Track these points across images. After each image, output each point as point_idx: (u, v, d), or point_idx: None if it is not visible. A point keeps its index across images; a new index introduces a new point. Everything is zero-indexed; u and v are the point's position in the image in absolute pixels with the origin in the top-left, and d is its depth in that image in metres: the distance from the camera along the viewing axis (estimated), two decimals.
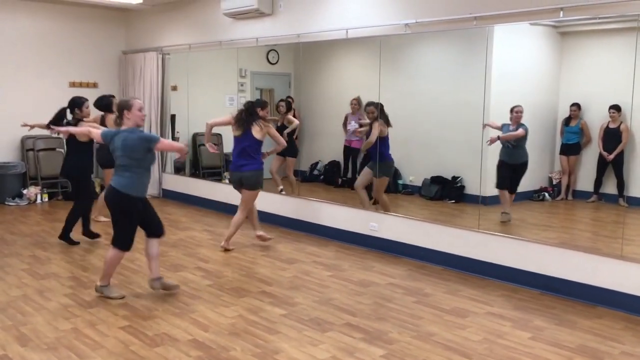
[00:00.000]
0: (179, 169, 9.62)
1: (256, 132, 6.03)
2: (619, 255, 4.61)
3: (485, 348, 3.74)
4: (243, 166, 6.06)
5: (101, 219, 7.42)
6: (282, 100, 8.35)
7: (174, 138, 9.42)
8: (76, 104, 6.38)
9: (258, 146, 6.12)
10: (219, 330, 3.99)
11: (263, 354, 3.62)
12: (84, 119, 6.33)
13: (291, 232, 7.03)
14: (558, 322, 4.20)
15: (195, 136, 9.34)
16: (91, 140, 6.08)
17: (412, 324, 4.15)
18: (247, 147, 6.04)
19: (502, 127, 6.36)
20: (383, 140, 6.60)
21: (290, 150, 8.06)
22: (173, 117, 9.41)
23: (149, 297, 4.68)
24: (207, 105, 9.28)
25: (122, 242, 4.52)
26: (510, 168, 6.37)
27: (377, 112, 6.60)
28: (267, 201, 7.64)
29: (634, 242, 5.17)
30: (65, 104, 6.58)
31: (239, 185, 6.18)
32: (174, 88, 9.41)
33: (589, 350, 3.73)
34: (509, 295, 4.79)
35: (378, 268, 5.54)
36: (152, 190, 7.70)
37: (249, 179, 6.06)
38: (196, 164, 9.47)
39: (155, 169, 9.29)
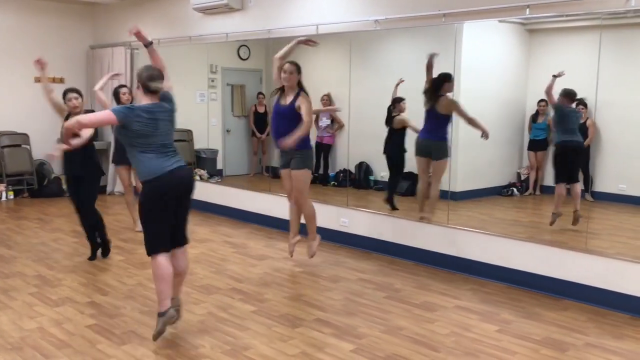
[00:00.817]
0: None
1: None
2: (583, 249, 4.70)
3: (452, 341, 3.78)
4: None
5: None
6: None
7: None
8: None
9: None
10: (187, 327, 3.95)
11: (233, 351, 3.60)
12: (72, 113, 5.42)
13: (263, 229, 7.01)
14: (524, 315, 4.27)
15: None
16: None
17: (382, 319, 4.17)
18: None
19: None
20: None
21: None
22: None
23: (116, 295, 4.61)
24: (177, 101, 9.18)
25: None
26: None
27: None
28: (236, 198, 7.60)
29: (599, 236, 5.29)
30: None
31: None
32: None
33: (554, 342, 3.80)
34: (477, 289, 4.85)
35: (349, 264, 5.56)
36: (120, 187, 7.60)
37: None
38: None
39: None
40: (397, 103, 6.81)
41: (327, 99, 8.57)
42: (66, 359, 3.47)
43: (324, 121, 8.56)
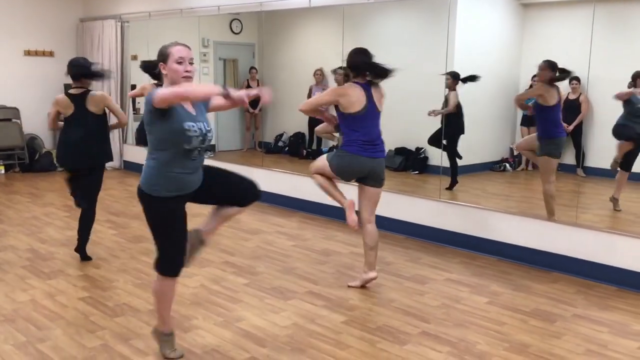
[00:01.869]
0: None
1: None
2: (573, 223, 4.74)
3: (443, 312, 3.83)
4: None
5: None
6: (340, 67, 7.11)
7: (134, 109, 9.25)
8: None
9: None
10: (180, 300, 3.97)
11: (225, 322, 3.64)
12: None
13: (255, 203, 6.99)
14: (514, 287, 4.32)
15: None
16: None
17: (373, 291, 4.21)
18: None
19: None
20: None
21: None
22: (133, 87, 9.20)
23: (109, 268, 4.63)
24: None
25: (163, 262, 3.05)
26: None
27: None
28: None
29: (589, 211, 5.33)
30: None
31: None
32: (134, 57, 9.19)
33: (542, 313, 3.85)
34: (467, 262, 4.90)
35: (341, 237, 5.59)
36: (114, 162, 7.44)
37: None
38: None
39: (115, 138, 9.10)
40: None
41: (320, 74, 8.53)
42: (59, 330, 3.49)
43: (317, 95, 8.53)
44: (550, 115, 5.17)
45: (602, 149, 6.06)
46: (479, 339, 3.46)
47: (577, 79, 6.53)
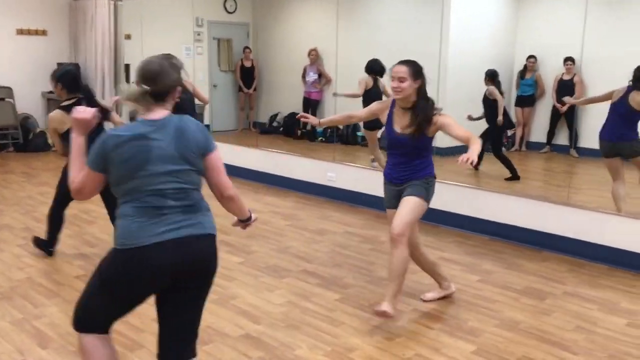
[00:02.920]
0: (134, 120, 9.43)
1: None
2: (565, 203, 4.79)
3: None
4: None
5: None
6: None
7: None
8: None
9: None
10: None
11: (220, 299, 3.68)
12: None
13: (251, 184, 7.04)
14: (506, 266, 4.38)
15: None
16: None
17: (367, 270, 4.25)
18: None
19: None
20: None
21: None
22: (127, 66, 9.15)
23: (104, 247, 4.64)
24: None
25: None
26: None
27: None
28: (225, 152, 7.58)
29: (581, 191, 5.39)
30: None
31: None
32: (128, 37, 9.13)
33: (533, 291, 3.91)
34: (461, 242, 4.95)
35: (335, 217, 5.62)
36: None
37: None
38: None
39: None
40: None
41: (315, 54, 8.50)
42: (56, 308, 3.52)
43: (311, 76, 8.50)
44: None
45: (595, 129, 6.08)
46: (470, 315, 3.52)
47: (572, 59, 6.54)
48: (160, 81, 2.17)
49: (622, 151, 4.76)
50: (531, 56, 7.12)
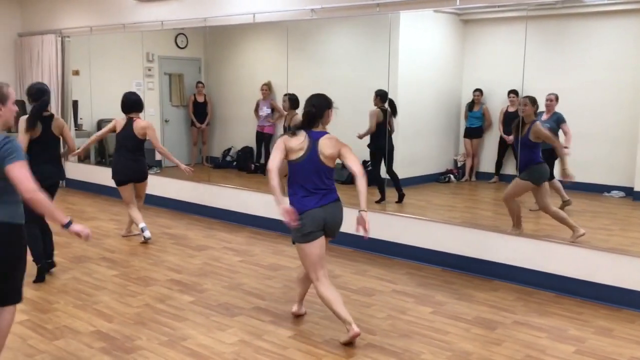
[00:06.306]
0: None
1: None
2: (513, 232, 4.89)
3: (389, 324, 3.88)
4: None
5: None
6: (286, 94, 6.94)
7: (76, 125, 9.03)
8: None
9: None
10: (123, 320, 3.90)
11: (170, 342, 3.58)
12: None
13: (203, 219, 6.95)
14: (457, 297, 4.42)
15: (100, 123, 8.97)
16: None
17: (321, 305, 4.20)
18: None
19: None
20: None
21: None
22: (75, 103, 9.00)
23: (49, 289, 4.49)
24: (113, 91, 8.94)
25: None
26: None
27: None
28: (177, 188, 7.49)
29: (529, 220, 5.52)
30: None
31: None
32: (76, 73, 9.00)
33: (484, 321, 3.96)
34: (413, 273, 4.98)
35: (289, 252, 5.59)
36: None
37: None
38: (102, 151, 9.13)
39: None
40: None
41: (267, 88, 8.55)
42: None
43: (265, 110, 8.54)
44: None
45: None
46: (423, 348, 3.53)
47: (515, 92, 6.77)
48: None
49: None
50: (477, 89, 7.34)
